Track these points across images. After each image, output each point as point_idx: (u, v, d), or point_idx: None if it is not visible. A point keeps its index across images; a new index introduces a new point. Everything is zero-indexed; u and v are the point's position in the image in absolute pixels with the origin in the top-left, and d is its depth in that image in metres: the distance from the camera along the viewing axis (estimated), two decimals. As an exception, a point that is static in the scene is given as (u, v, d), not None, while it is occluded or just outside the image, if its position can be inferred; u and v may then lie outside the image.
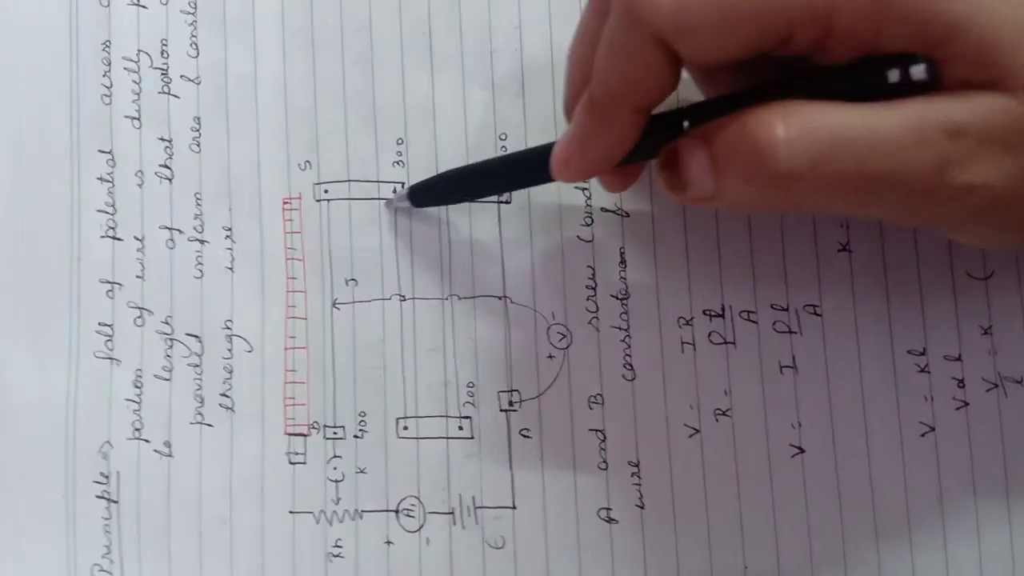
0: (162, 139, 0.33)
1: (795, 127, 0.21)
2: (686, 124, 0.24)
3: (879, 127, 0.21)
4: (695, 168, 0.23)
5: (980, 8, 0.20)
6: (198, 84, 0.33)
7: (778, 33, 0.21)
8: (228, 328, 0.32)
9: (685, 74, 0.25)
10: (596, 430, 0.31)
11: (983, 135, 0.21)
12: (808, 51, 0.22)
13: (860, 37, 0.21)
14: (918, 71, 0.21)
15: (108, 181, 0.33)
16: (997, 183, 0.21)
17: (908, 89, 0.21)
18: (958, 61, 0.21)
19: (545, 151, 0.26)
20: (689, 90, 0.28)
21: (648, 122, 0.24)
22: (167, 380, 0.32)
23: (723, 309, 0.31)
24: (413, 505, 0.31)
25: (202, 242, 0.33)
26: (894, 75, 0.21)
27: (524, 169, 0.28)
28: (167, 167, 0.33)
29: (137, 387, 0.32)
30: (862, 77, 0.22)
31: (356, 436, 0.32)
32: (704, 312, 0.31)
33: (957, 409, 0.30)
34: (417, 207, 0.32)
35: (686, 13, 0.21)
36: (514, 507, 0.31)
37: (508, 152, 0.31)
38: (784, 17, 0.21)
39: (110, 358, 0.32)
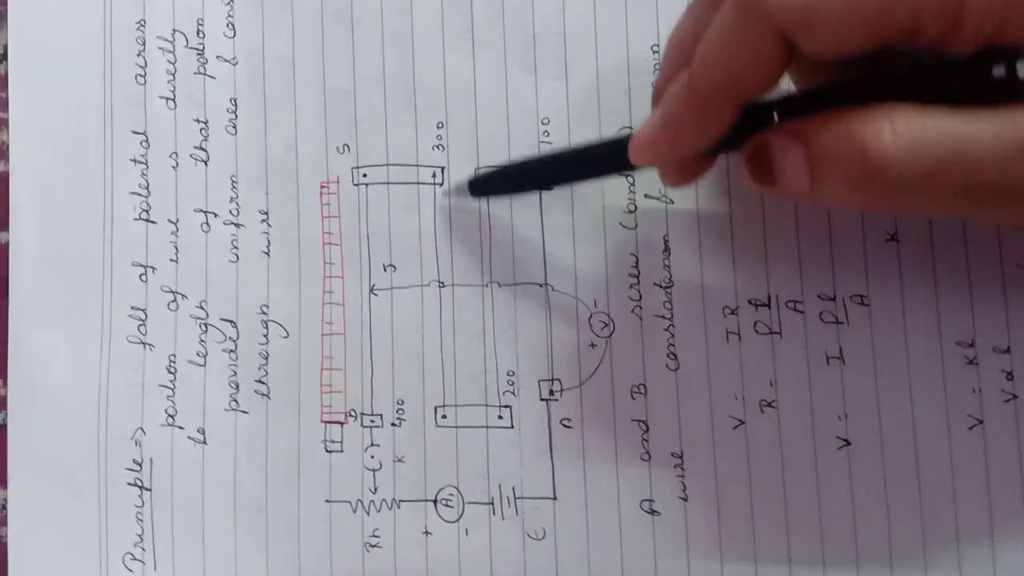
0: (197, 120, 0.32)
1: (905, 139, 0.21)
2: (776, 116, 0.23)
3: (986, 139, 0.20)
4: (790, 166, 0.23)
5: None
6: (234, 65, 0.33)
7: (907, 26, 0.21)
8: (264, 313, 0.32)
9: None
10: (639, 420, 0.30)
11: None
12: (932, 44, 0.21)
13: (985, 30, 0.20)
14: None
15: (142, 163, 0.32)
16: None
17: (1013, 87, 0.21)
18: None
19: (621, 141, 0.25)
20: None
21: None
22: (201, 366, 0.32)
23: (769, 299, 0.30)
24: (452, 495, 0.31)
25: (238, 226, 0.32)
26: (999, 71, 0.21)
27: (598, 158, 0.27)
28: (202, 149, 0.32)
29: (171, 372, 0.32)
30: (966, 73, 0.21)
31: (394, 424, 0.31)
32: (750, 301, 0.30)
33: (1006, 402, 0.30)
34: (476, 197, 0.31)
35: (814, 7, 0.20)
36: (555, 498, 0.31)
37: (578, 144, 0.29)
38: (915, 10, 0.20)
39: (143, 343, 0.32)
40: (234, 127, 0.32)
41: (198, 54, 0.33)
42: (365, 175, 0.32)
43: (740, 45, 0.22)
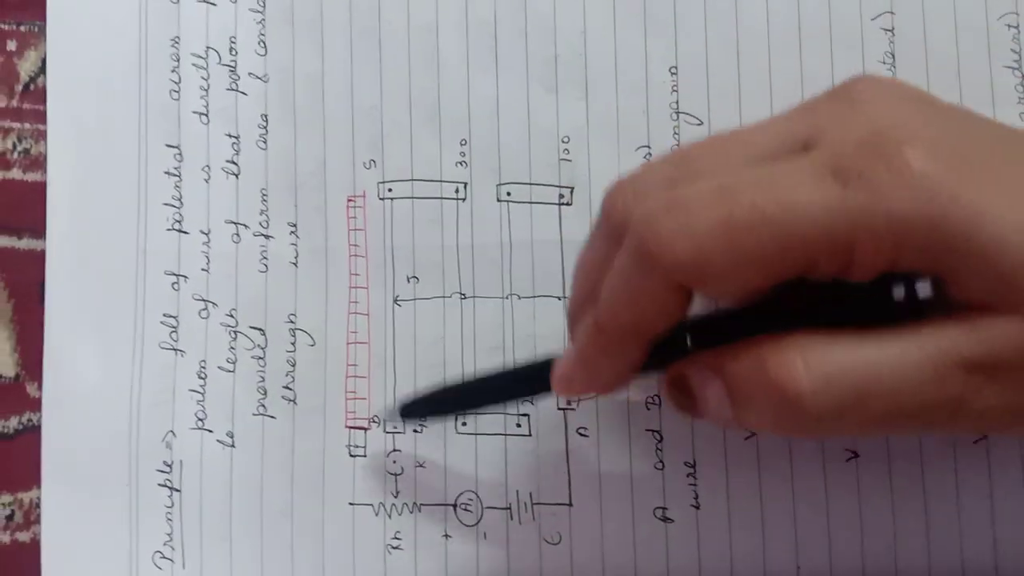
0: (229, 135, 0.34)
1: (818, 375, 0.21)
2: (689, 342, 0.24)
3: (898, 366, 0.21)
4: (711, 398, 0.23)
5: (1001, 242, 0.20)
6: (266, 82, 0.34)
7: (800, 267, 0.21)
8: (291, 322, 0.33)
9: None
10: (653, 430, 0.31)
11: (997, 365, 0.20)
12: (830, 276, 0.21)
13: (878, 264, 0.21)
14: (923, 289, 0.21)
15: (175, 175, 0.34)
16: (1013, 402, 0.21)
17: (914, 307, 0.21)
18: (973, 288, 0.20)
19: (546, 367, 0.26)
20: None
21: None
22: (231, 372, 0.33)
23: (781, 314, 0.31)
24: (471, 500, 0.32)
25: (267, 237, 0.33)
26: (899, 292, 0.21)
27: (525, 384, 0.28)
28: (234, 163, 0.34)
29: (201, 378, 0.33)
30: (868, 297, 0.21)
31: (416, 431, 0.32)
32: (762, 317, 0.31)
33: (1010, 418, 0.31)
34: (407, 419, 0.31)
35: (705, 260, 0.21)
36: (571, 504, 0.32)
37: (503, 367, 0.29)
38: (806, 253, 0.20)
39: (175, 349, 0.33)
40: (265, 142, 0.33)
41: (230, 71, 0.34)
42: (390, 190, 0.33)
43: (640, 293, 0.22)
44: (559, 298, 0.32)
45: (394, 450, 0.32)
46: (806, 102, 0.24)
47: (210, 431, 0.33)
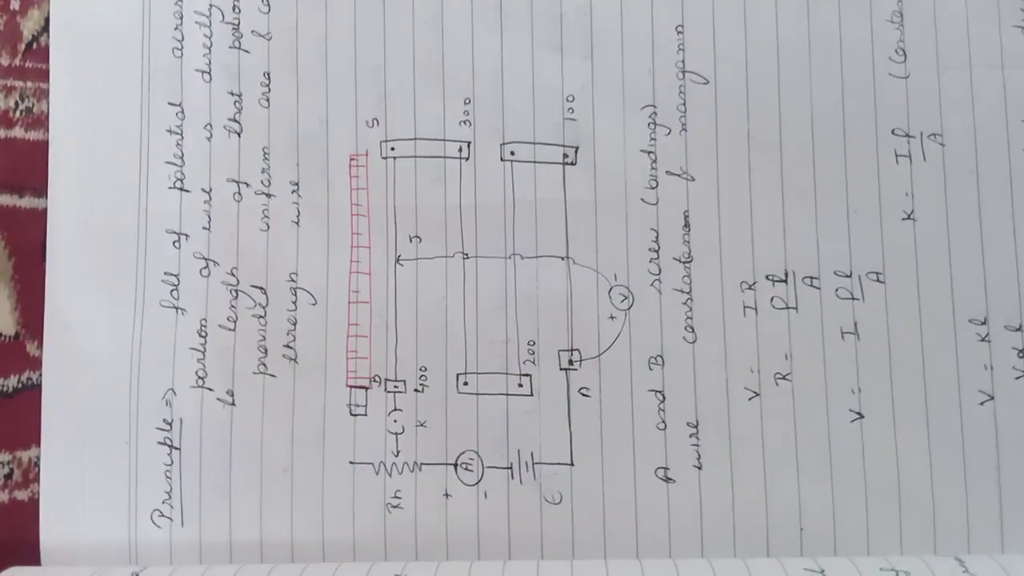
0: (231, 93, 0.33)
1: None
2: None
3: None
4: None
5: None
6: (269, 40, 0.33)
7: None
8: (293, 281, 0.33)
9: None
10: (656, 391, 0.31)
11: None
12: None
13: None
14: None
15: (177, 133, 0.33)
16: None
17: None
18: None
19: None
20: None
21: None
22: (231, 330, 0.33)
23: (786, 275, 0.31)
24: (471, 459, 0.32)
25: (269, 196, 0.33)
26: None
27: None
28: (236, 121, 0.33)
29: (202, 336, 0.33)
30: None
31: (417, 390, 0.32)
32: (767, 277, 0.31)
33: (1016, 379, 0.30)
34: None
35: None
36: (572, 464, 0.31)
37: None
38: None
39: (175, 307, 0.33)
40: (267, 100, 0.33)
41: (233, 28, 0.34)
42: (393, 148, 0.33)
43: None
44: (562, 258, 0.32)
45: (395, 409, 0.32)
46: None
47: (210, 389, 0.32)
